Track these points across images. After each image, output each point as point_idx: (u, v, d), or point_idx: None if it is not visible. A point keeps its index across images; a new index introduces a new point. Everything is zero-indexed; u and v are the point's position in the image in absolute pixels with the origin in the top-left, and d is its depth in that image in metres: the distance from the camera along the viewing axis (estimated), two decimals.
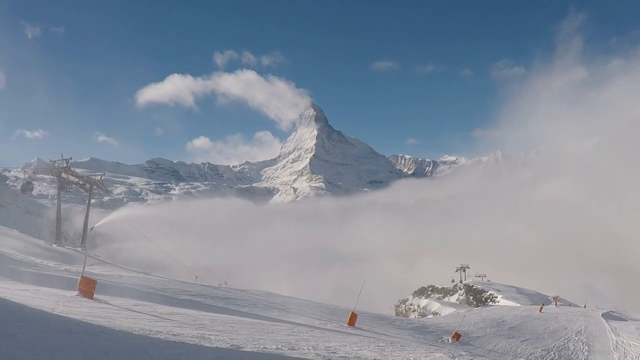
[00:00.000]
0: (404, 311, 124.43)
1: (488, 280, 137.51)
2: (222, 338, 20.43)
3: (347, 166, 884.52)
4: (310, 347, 21.36)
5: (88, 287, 31.10)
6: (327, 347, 22.51)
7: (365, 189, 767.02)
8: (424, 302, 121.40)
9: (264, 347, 19.37)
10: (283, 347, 20.04)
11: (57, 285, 37.09)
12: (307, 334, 27.74)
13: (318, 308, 53.77)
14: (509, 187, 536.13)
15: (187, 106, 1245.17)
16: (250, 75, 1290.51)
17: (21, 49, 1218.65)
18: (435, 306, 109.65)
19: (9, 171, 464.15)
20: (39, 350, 13.68)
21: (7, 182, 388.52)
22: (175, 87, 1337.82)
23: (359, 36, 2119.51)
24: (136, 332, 19.20)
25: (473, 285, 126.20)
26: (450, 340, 48.76)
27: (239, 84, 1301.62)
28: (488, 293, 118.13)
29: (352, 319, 42.92)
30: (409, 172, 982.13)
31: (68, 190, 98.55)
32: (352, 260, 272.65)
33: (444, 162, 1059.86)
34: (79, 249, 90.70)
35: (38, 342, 14.90)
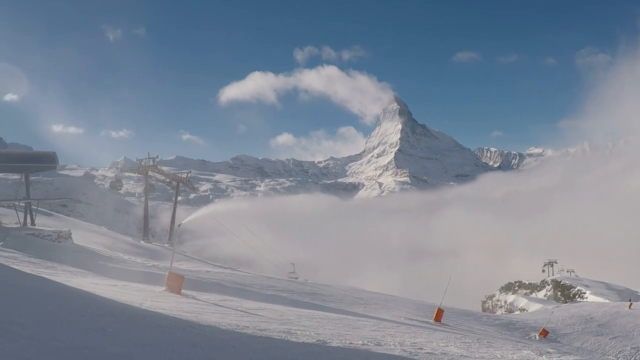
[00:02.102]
0: (490, 307, 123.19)
1: (576, 276, 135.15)
2: (308, 333, 20.47)
3: (432, 160, 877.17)
4: (397, 343, 21.26)
5: (176, 283, 31.48)
6: (414, 343, 22.38)
7: (451, 182, 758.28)
8: (511, 298, 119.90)
9: (350, 343, 19.34)
10: (369, 343, 19.97)
11: (145, 280, 37.64)
12: (393, 329, 27.61)
13: (404, 303, 53.50)
14: (597, 179, 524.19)
15: (269, 103, 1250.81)
16: (331, 71, 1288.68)
17: (103, 52, 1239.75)
18: (522, 302, 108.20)
19: (97, 170, 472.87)
20: (128, 344, 13.88)
21: (95, 181, 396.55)
22: (257, 84, 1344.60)
23: (439, 27, 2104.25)
24: (223, 327, 19.36)
25: (561, 281, 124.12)
26: (537, 337, 48.02)
27: (321, 80, 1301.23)
28: (576, 289, 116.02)
29: (439, 315, 42.62)
30: (495, 165, 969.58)
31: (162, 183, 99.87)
32: (438, 255, 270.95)
33: (530, 155, 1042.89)
34: (166, 245, 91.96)
35: (127, 336, 15.12)
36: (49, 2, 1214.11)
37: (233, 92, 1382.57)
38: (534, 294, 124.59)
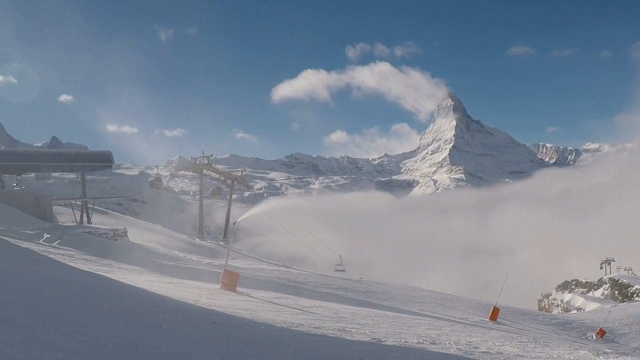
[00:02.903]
0: (546, 306, 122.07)
1: (634, 274, 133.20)
2: (363, 331, 20.43)
3: (487, 156, 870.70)
4: (452, 342, 21.14)
5: (231, 280, 31.62)
6: (469, 342, 22.24)
7: (507, 179, 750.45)
8: (567, 296, 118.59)
9: (405, 341, 19.27)
10: (424, 342, 19.88)
11: (200, 278, 37.89)
12: (449, 328, 27.47)
13: (459, 302, 53.29)
14: None
15: (322, 101, 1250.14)
16: (384, 67, 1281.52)
17: (155, 52, 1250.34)
18: (579, 301, 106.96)
19: (152, 169, 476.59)
20: (183, 342, 13.97)
21: (150, 179, 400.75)
22: (310, 82, 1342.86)
23: (492, 21, 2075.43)
24: (278, 325, 19.41)
25: (619, 280, 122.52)
26: (594, 337, 47.48)
27: (373, 76, 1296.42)
28: (634, 288, 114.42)
29: (494, 314, 42.35)
30: (551, 162, 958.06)
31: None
32: (494, 253, 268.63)
33: (587, 150, 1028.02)
34: (221, 243, 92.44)
35: (182, 333, 15.22)
36: (101, 3, 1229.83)
37: (286, 90, 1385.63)
38: (590, 292, 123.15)
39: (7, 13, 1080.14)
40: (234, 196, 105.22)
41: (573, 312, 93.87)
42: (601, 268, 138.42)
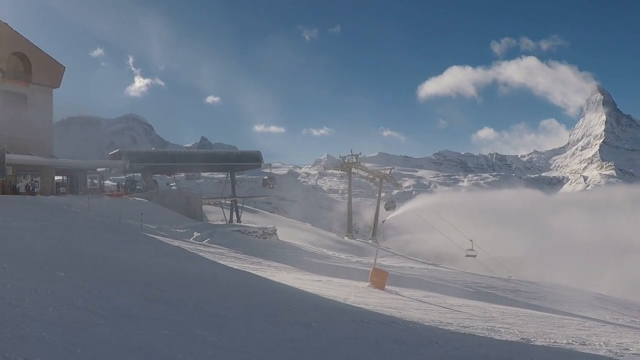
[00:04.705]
0: None
1: None
2: (512, 331, 20.01)
3: (639, 152, 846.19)
4: (602, 343, 20.45)
5: (379, 279, 31.61)
6: (619, 343, 21.45)
7: None
8: None
9: (555, 342, 18.75)
10: (574, 342, 19.31)
11: (349, 276, 38.06)
12: (599, 329, 26.59)
13: (610, 302, 51.81)
14: None
15: (469, 97, 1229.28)
16: (531, 62, 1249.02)
17: (300, 52, 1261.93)
18: None
19: (300, 168, 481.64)
20: (331, 339, 13.96)
21: (299, 178, 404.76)
22: (456, 79, 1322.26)
23: None
24: (426, 324, 19.20)
25: None
26: None
27: (520, 72, 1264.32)
28: None
29: None
30: None
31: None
32: None
33: None
34: (370, 241, 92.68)
35: (331, 331, 15.22)
36: (246, 5, 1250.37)
37: (432, 87, 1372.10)
38: None
39: (154, 18, 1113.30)
40: (382, 194, 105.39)
41: None
42: None
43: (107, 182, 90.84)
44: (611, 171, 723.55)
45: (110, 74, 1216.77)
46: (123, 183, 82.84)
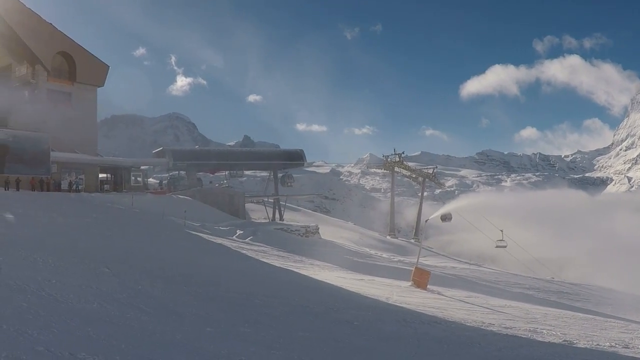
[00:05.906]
0: None
1: None
2: (554, 333, 19.86)
3: None
4: None
5: (422, 278, 31.53)
6: None
7: None
8: None
9: (597, 344, 18.58)
10: (617, 345, 19.11)
11: (391, 275, 37.95)
12: None
13: None
14: None
15: (511, 96, 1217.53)
16: (574, 60, 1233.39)
17: (342, 51, 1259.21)
18: None
19: (342, 167, 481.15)
20: (373, 338, 13.97)
21: (341, 177, 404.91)
22: (498, 77, 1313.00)
23: None
24: (469, 324, 19.14)
25: None
26: None
27: (563, 70, 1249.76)
28: None
29: None
30: None
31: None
32: None
33: None
34: (412, 240, 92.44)
35: (373, 329, 15.23)
36: (288, 5, 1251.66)
37: (474, 86, 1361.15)
38: None
39: (195, 17, 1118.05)
40: (425, 193, 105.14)
41: None
42: None
43: (150, 180, 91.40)
44: None
45: (153, 73, 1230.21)
46: (166, 181, 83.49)
